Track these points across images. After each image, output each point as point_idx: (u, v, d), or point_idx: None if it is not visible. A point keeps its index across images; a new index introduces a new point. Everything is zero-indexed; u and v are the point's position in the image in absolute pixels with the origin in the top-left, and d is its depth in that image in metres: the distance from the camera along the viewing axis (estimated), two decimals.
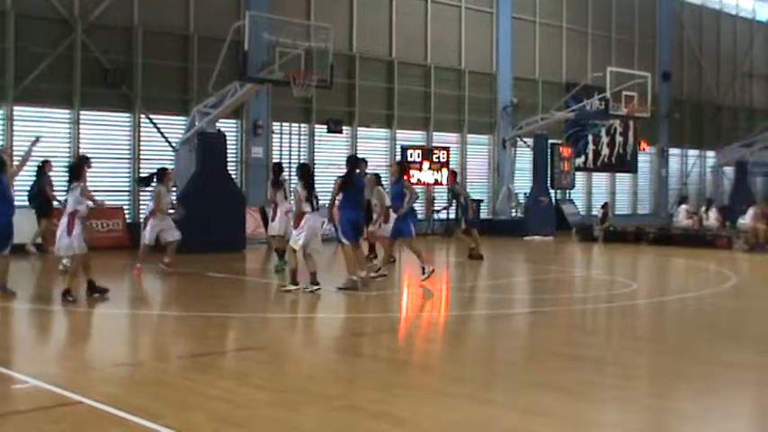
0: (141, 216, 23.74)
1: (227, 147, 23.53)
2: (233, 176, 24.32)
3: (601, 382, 8.57)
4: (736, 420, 7.45)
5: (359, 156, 23.91)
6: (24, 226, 21.03)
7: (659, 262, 21.38)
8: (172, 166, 23.78)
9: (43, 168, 20.26)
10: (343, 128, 28.24)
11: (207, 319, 11.98)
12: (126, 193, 23.90)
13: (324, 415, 7.12)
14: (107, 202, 21.92)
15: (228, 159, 23.89)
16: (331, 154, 27.47)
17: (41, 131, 22.33)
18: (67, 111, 22.89)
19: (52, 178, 20.19)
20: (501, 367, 9.51)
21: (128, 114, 23.98)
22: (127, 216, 23.43)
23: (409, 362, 9.80)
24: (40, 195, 20.23)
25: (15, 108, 22.06)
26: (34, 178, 20.27)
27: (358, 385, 8.33)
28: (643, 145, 38.27)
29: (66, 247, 13.39)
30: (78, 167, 14.11)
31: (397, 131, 29.77)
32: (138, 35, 23.84)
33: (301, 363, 9.48)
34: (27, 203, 20.14)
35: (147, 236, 17.02)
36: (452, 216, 25.51)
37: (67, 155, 22.78)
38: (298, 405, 7.39)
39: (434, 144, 29.96)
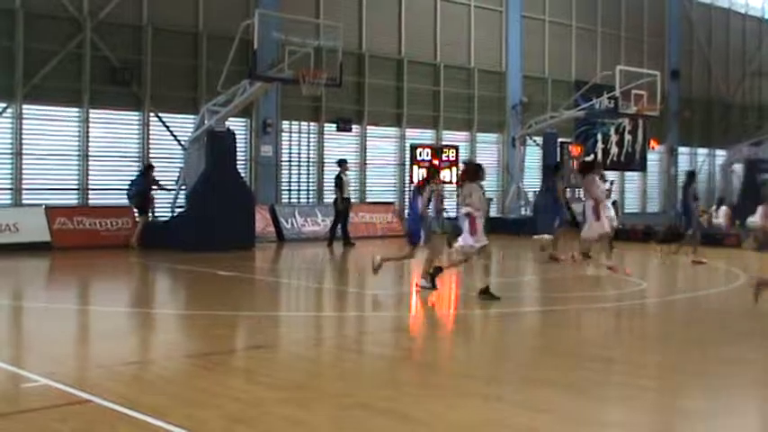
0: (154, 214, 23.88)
1: (237, 145, 23.54)
2: (242, 175, 24.34)
3: (609, 381, 8.55)
4: (744, 418, 7.43)
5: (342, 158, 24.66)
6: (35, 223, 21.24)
7: (669, 260, 21.30)
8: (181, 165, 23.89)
9: (148, 170, 22.52)
10: (353, 126, 28.26)
11: (216, 317, 11.99)
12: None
13: (333, 413, 7.12)
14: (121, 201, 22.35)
15: (238, 158, 23.88)
16: (340, 152, 27.48)
17: (50, 130, 22.59)
18: (76, 109, 22.93)
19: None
20: (509, 365, 9.49)
21: (137, 113, 24.01)
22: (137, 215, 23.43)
23: (418, 360, 9.81)
24: (142, 195, 22.24)
25: (24, 106, 22.12)
26: (135, 178, 22.63)
27: (367, 383, 8.33)
28: (652, 143, 38.17)
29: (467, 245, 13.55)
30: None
31: (407, 130, 29.77)
32: (147, 33, 23.87)
33: (310, 361, 9.49)
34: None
35: None
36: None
37: (77, 153, 22.86)
38: (307, 403, 7.39)
39: (444, 142, 29.94)
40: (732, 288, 16.47)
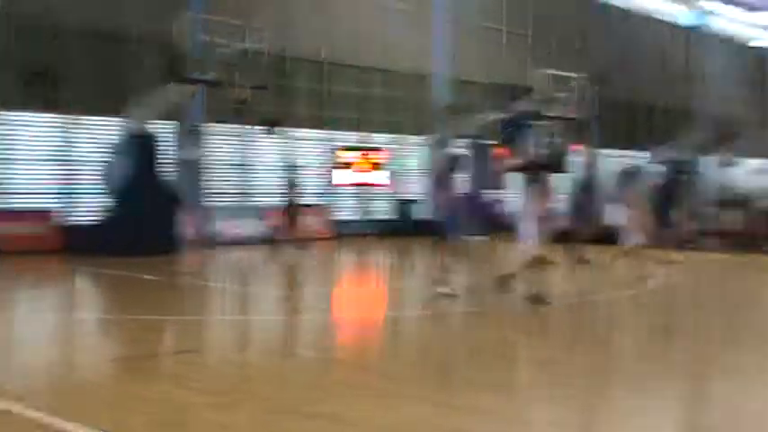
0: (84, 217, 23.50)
1: (162, 148, 23.23)
2: (168, 178, 24.08)
3: (541, 381, 8.63)
4: (672, 413, 7.58)
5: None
6: None
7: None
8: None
9: None
10: (278, 129, 28.16)
11: (142, 321, 11.85)
12: (55, 196, 23.51)
13: (261, 416, 7.09)
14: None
15: (163, 161, 23.59)
16: (266, 155, 27.42)
17: None
18: None
19: None
20: (441, 367, 9.53)
21: (56, 116, 23.56)
22: (58, 219, 23.02)
23: (346, 361, 9.81)
24: None
25: None
26: None
27: (295, 386, 8.30)
28: (575, 146, 38.67)
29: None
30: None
31: (332, 132, 29.78)
32: (68, 35, 23.47)
33: (238, 364, 9.44)
34: None
35: None
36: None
37: None
38: (235, 407, 7.35)
39: (369, 144, 30.05)
40: (647, 288, 16.80)
